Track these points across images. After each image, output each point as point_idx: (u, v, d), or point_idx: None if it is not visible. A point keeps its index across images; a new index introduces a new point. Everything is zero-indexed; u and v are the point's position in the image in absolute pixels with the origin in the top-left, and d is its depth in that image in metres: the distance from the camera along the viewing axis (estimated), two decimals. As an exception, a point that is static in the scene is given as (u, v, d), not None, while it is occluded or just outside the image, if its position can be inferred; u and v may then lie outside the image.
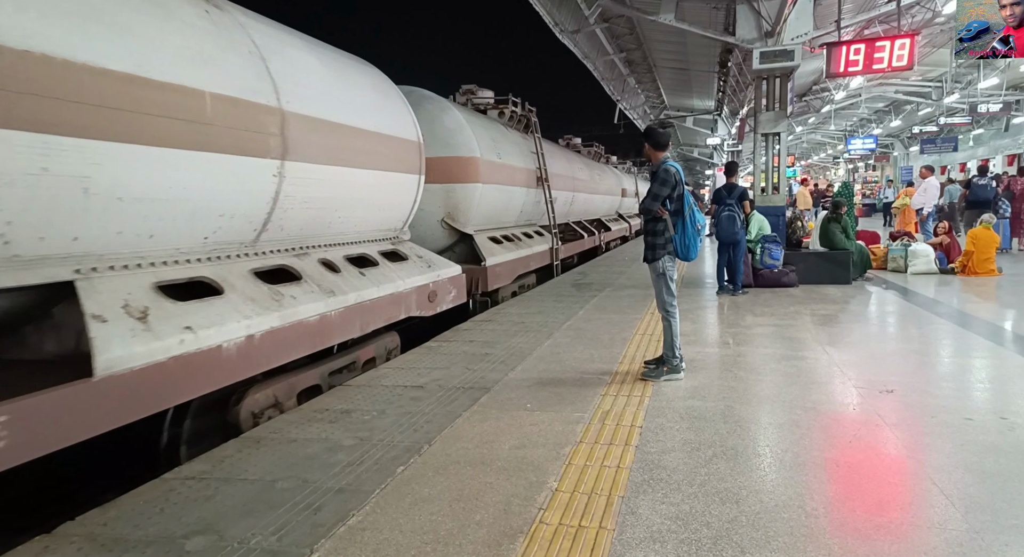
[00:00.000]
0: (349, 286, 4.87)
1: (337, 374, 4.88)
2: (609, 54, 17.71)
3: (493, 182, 8.44)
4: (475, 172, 7.91)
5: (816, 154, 44.99)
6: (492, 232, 8.80)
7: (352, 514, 2.48)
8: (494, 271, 7.97)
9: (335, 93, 5.10)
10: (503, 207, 9.16)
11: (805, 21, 9.24)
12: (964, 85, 21.03)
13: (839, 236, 8.85)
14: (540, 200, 10.71)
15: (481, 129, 8.51)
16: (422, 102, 7.60)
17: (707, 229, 12.83)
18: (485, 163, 8.14)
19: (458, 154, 7.79)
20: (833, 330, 5.74)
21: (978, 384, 4.04)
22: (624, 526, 2.34)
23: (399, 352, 5.70)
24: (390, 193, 5.90)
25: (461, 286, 6.82)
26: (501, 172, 8.77)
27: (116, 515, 2.54)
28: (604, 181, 17.92)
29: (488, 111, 10.28)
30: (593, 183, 16.01)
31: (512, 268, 8.73)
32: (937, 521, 2.30)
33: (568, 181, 13.12)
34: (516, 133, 10.58)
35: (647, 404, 3.74)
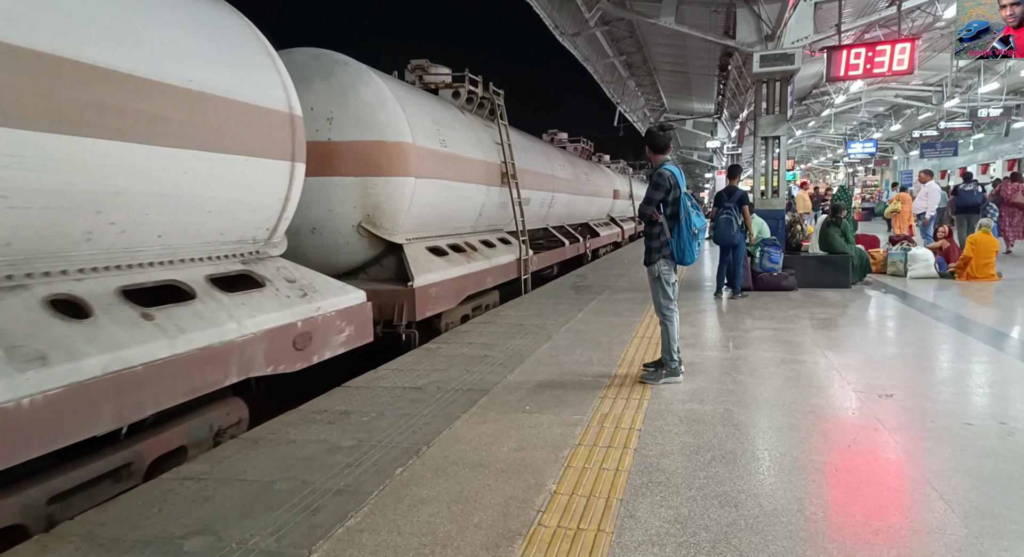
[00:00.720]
0: (94, 343, 2.82)
1: (73, 496, 2.88)
2: (609, 57, 17.75)
3: (433, 176, 6.66)
4: (404, 162, 6.09)
5: (816, 158, 45.06)
6: (435, 240, 7.07)
7: (350, 515, 2.47)
8: (426, 293, 6.15)
9: (91, 15, 3.03)
10: (451, 208, 7.43)
11: (805, 25, 9.26)
12: (964, 89, 21.07)
13: (839, 240, 8.86)
14: (507, 201, 9.01)
15: (417, 108, 6.73)
16: (332, 69, 5.94)
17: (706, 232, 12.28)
18: (421, 152, 6.37)
19: (380, 138, 5.93)
20: (832, 334, 5.74)
21: (977, 389, 4.04)
22: (623, 529, 2.34)
23: (246, 426, 3.90)
24: (237, 188, 3.94)
25: (364, 319, 4.82)
26: (446, 164, 7.03)
27: (114, 515, 2.54)
28: (593, 181, 16.09)
29: (440, 91, 8.59)
30: (578, 183, 14.18)
31: (458, 287, 6.93)
32: (936, 526, 2.30)
33: (546, 179, 11.44)
34: (476, 119, 8.85)
35: (646, 407, 3.74)
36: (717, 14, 11.58)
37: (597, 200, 16.57)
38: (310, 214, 5.69)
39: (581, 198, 14.46)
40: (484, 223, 8.78)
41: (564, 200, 12.80)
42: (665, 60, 18.24)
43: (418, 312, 6.03)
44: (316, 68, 5.88)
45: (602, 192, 17.29)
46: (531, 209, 10.36)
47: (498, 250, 8.59)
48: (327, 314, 4.40)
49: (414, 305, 5.98)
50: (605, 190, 17.74)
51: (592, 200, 15.86)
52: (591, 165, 17.76)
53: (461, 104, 8.74)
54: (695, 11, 11.58)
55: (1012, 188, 12.91)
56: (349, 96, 5.92)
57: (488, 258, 8.04)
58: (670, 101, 24.95)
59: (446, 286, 6.63)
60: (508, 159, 9.01)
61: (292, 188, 4.42)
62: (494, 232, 9.17)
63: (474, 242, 8.14)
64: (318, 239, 5.90)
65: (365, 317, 4.87)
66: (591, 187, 15.76)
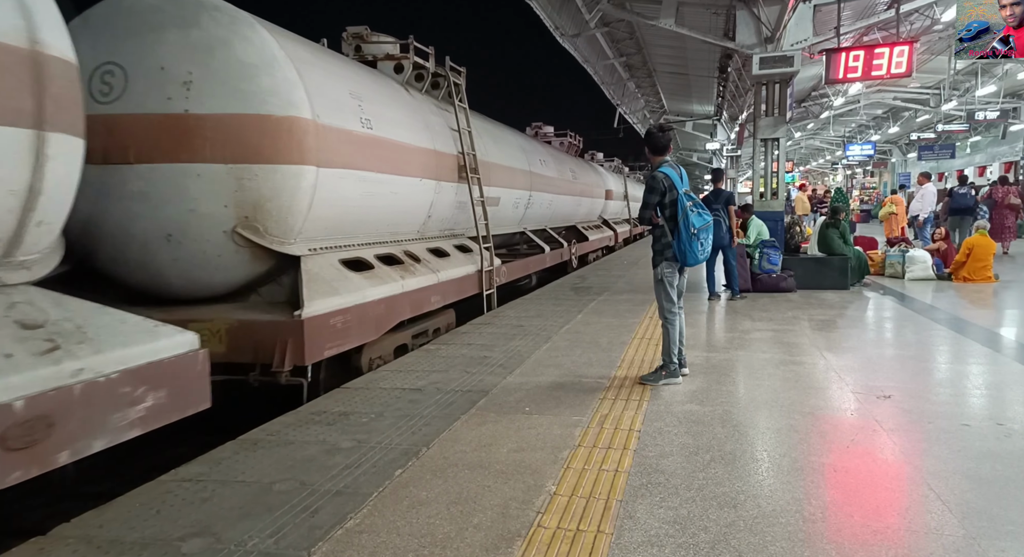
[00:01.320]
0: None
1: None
2: (609, 58, 17.78)
3: (350, 166, 5.12)
4: (298, 145, 4.52)
5: (815, 160, 45.11)
6: (358, 251, 5.45)
7: (349, 517, 2.47)
8: (324, 325, 4.46)
9: None
10: (383, 209, 5.87)
11: (805, 27, 9.28)
12: (962, 92, 21.10)
13: (837, 242, 8.88)
14: (467, 200, 7.48)
15: (324, 75, 5.12)
16: (197, 16, 4.34)
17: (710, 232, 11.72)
18: (328, 132, 4.82)
19: (262, 110, 4.35)
20: (831, 335, 5.74)
21: (975, 390, 4.05)
22: (622, 530, 2.34)
23: None
24: None
25: (186, 378, 2.98)
26: (371, 151, 5.46)
27: (112, 517, 2.53)
28: (581, 180, 14.46)
29: (380, 63, 7.04)
30: (563, 181, 12.58)
31: (384, 312, 5.27)
32: (934, 527, 2.31)
33: (522, 176, 9.86)
34: (427, 101, 7.28)
35: (645, 408, 3.74)
36: (717, 16, 11.60)
37: (587, 201, 14.93)
38: (162, 215, 4.23)
39: (567, 198, 12.91)
40: (435, 227, 7.18)
41: (545, 200, 11.24)
42: (665, 62, 18.27)
43: (309, 352, 4.31)
44: (172, 14, 4.29)
45: (591, 192, 15.55)
46: (502, 210, 9.01)
47: (452, 260, 7.02)
48: (100, 379, 2.59)
49: (302, 343, 4.25)
50: (595, 190, 16.08)
51: (580, 201, 14.23)
52: (580, 162, 16.26)
53: (406, 80, 7.04)
54: (695, 13, 11.60)
55: (1003, 191, 13.36)
56: (218, 53, 4.31)
57: (436, 271, 6.38)
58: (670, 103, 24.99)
59: (362, 312, 4.93)
60: (468, 150, 7.44)
61: (46, 175, 2.68)
62: (450, 238, 7.53)
63: (419, 251, 6.47)
64: (176, 250, 4.31)
65: (189, 374, 3.03)
66: (579, 186, 14.19)
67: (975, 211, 12.53)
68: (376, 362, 5.27)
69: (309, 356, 4.33)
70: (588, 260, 14.62)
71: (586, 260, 14.47)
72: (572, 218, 13.95)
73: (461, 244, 7.64)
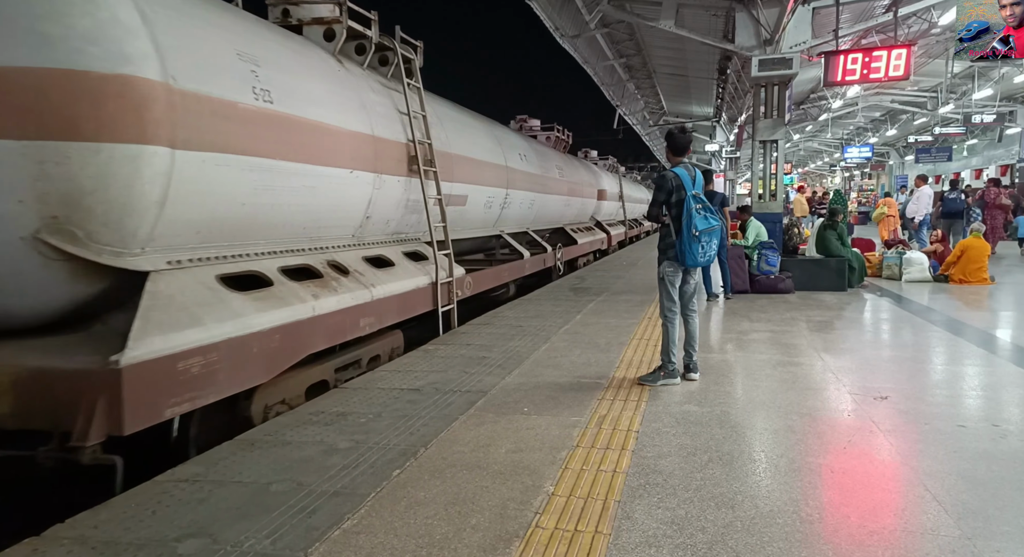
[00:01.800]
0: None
1: None
2: (609, 59, 17.78)
3: (229, 149, 3.81)
4: (138, 116, 3.24)
5: (813, 162, 45.21)
6: (254, 262, 4.16)
7: (347, 517, 2.47)
8: (164, 373, 3.13)
9: None
10: (290, 208, 4.51)
11: (803, 30, 9.30)
12: (959, 95, 21.17)
13: (835, 243, 8.90)
14: (421, 198, 6.24)
15: (191, 24, 3.75)
16: None
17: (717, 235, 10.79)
18: (187, 100, 3.49)
19: (77, 65, 3.06)
20: (828, 336, 5.75)
21: (971, 391, 4.06)
22: (620, 530, 2.34)
23: None
24: None
25: None
26: (265, 131, 4.10)
27: (107, 518, 2.53)
28: (569, 178, 12.96)
29: (305, 28, 5.70)
30: (548, 179, 11.20)
31: (276, 347, 3.91)
32: (930, 527, 2.31)
33: (495, 172, 8.50)
34: (368, 77, 5.92)
35: (644, 409, 3.74)
36: (716, 18, 11.62)
37: (576, 201, 13.43)
38: None
39: (552, 198, 11.46)
40: (378, 230, 5.89)
41: (525, 200, 9.88)
42: (665, 63, 18.29)
43: (132, 414, 2.96)
44: None
45: (581, 191, 13.94)
46: (471, 210, 7.87)
47: (397, 271, 5.71)
48: None
49: (119, 401, 2.91)
50: (585, 189, 14.45)
51: (569, 201, 12.82)
52: (569, 159, 14.75)
53: (338, 50, 5.65)
54: (695, 15, 11.62)
55: (994, 192, 13.84)
56: None
57: (370, 286, 5.08)
58: (669, 104, 25.02)
59: (241, 348, 3.62)
60: (421, 138, 6.22)
61: None
62: (398, 244, 6.19)
63: (349, 261, 5.17)
64: None
65: None
66: (566, 185, 12.58)
67: (967, 214, 12.95)
68: (277, 408, 4.05)
69: (130, 421, 2.95)
70: (578, 265, 13.30)
71: (575, 265, 13.11)
72: (560, 220, 12.70)
73: (413, 251, 6.34)
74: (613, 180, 19.50)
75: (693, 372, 4.39)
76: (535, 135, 14.45)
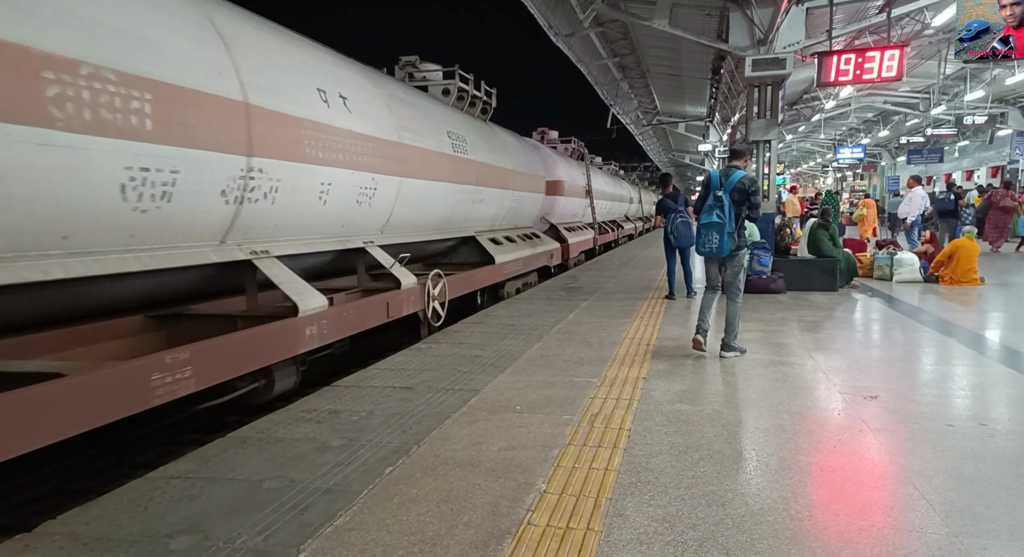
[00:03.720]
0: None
1: None
2: (603, 58, 17.79)
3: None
4: None
5: (805, 162, 45.41)
6: None
7: (339, 514, 2.47)
8: None
9: None
10: None
11: (797, 30, 9.34)
12: (951, 97, 21.31)
13: (827, 243, 8.95)
14: None
15: None
16: None
17: None
18: None
19: None
20: (819, 336, 5.79)
21: (959, 391, 4.10)
22: (611, 528, 2.35)
23: None
24: None
25: None
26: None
27: (99, 514, 2.52)
28: (495, 160, 8.82)
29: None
30: (427, 159, 6.72)
31: None
32: (918, 525, 2.34)
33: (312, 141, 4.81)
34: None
35: (635, 407, 3.76)
36: (710, 17, 11.66)
37: (502, 196, 9.32)
38: None
39: (445, 187, 7.25)
40: None
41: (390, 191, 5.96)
42: (658, 62, 18.31)
43: None
44: None
45: (514, 182, 9.82)
46: (288, 213, 4.71)
47: None
48: None
49: None
50: (521, 179, 10.29)
51: (482, 196, 8.52)
52: (495, 132, 9.91)
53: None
54: (689, 14, 11.64)
55: (1000, 193, 14.07)
56: None
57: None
58: (663, 104, 25.05)
59: None
60: None
61: None
62: None
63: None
64: None
65: None
66: (485, 171, 8.52)
67: (959, 213, 13.40)
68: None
69: None
70: (505, 293, 9.10)
71: (502, 293, 9.03)
72: (462, 223, 8.26)
73: None
74: (575, 170, 15.16)
75: (723, 350, 5.05)
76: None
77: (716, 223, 4.84)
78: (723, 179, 4.91)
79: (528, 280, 10.33)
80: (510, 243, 9.50)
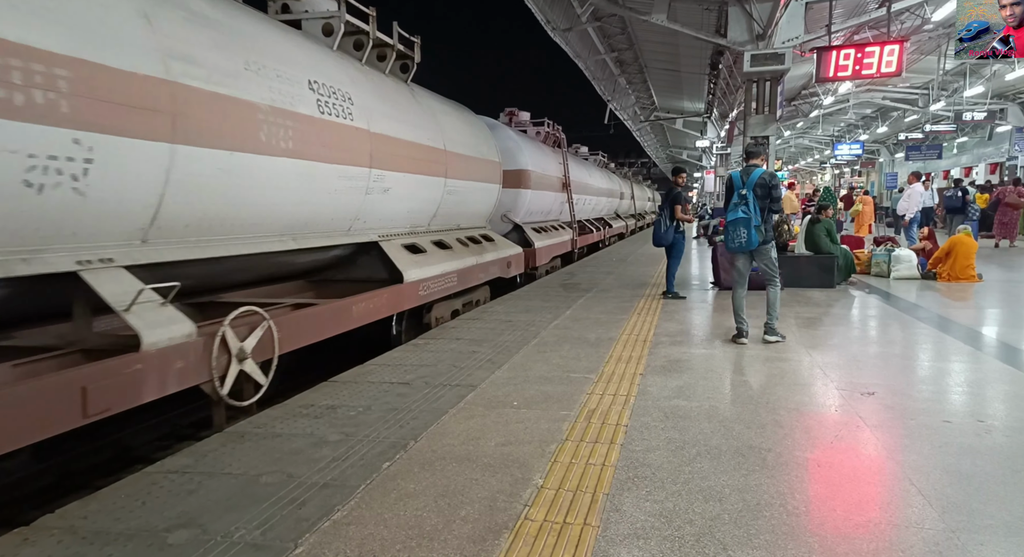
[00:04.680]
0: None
1: None
2: (600, 53, 17.75)
3: None
4: None
5: (803, 159, 45.40)
6: None
7: (337, 509, 2.47)
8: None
9: None
10: None
11: (796, 25, 9.32)
12: (950, 93, 21.30)
13: (824, 239, 8.95)
14: None
15: None
16: None
17: None
18: None
19: None
20: (816, 333, 5.80)
21: (957, 387, 4.10)
22: (608, 523, 2.35)
23: None
24: None
25: None
26: None
27: (97, 508, 2.52)
28: (411, 134, 6.49)
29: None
30: (245, 116, 4.13)
31: None
32: (915, 520, 2.34)
33: None
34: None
35: (632, 403, 3.76)
36: (709, 12, 11.62)
37: (430, 184, 7.00)
38: None
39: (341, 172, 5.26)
40: None
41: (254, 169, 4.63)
42: (656, 58, 18.27)
43: None
44: None
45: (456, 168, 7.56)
46: None
47: None
48: None
49: None
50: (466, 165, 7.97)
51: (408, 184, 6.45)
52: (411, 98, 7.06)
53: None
54: (687, 9, 11.61)
55: (1009, 190, 14.51)
56: None
57: None
58: (661, 99, 25.02)
59: None
60: None
61: None
62: None
63: None
64: None
65: None
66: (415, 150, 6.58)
67: (965, 209, 13.74)
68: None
69: None
70: (426, 321, 6.80)
71: (426, 319, 6.79)
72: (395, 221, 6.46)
73: None
74: (549, 158, 12.22)
75: (741, 336, 5.38)
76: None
77: (743, 218, 5.22)
78: (744, 178, 5.29)
79: (474, 298, 8.12)
80: (441, 251, 7.17)
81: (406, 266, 6.16)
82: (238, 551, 2.19)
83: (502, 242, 9.29)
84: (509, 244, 9.46)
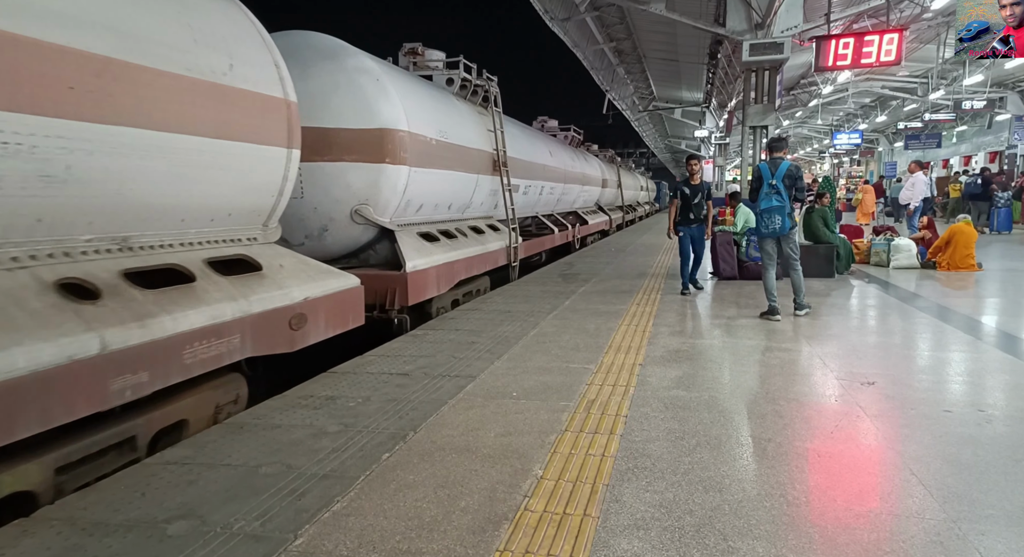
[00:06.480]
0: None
1: None
2: (599, 43, 17.65)
3: None
4: None
5: (802, 148, 45.32)
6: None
7: (336, 500, 2.47)
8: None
9: None
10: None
11: (795, 14, 9.27)
12: (949, 81, 21.23)
13: (822, 228, 8.92)
14: None
15: None
16: None
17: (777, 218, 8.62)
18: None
19: None
20: (816, 322, 5.80)
21: (957, 377, 4.11)
22: (608, 513, 2.35)
23: None
24: None
25: None
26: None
27: (96, 499, 2.51)
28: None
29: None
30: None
31: None
32: (915, 510, 2.34)
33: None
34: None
35: (632, 394, 3.76)
36: (708, 1, 11.55)
37: None
38: None
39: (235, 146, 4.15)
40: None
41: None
42: (655, 47, 18.18)
43: (412, 297, 6.25)
44: None
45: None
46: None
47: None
48: None
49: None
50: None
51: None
52: None
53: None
54: (686, -2, 11.55)
55: None
56: None
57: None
58: (659, 89, 24.93)
59: None
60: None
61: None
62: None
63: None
64: None
65: None
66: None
67: (987, 197, 14.11)
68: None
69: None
70: None
71: None
72: None
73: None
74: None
75: (775, 314, 5.81)
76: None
77: (777, 206, 5.74)
78: (773, 169, 5.79)
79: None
80: None
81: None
82: (238, 542, 2.18)
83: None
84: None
